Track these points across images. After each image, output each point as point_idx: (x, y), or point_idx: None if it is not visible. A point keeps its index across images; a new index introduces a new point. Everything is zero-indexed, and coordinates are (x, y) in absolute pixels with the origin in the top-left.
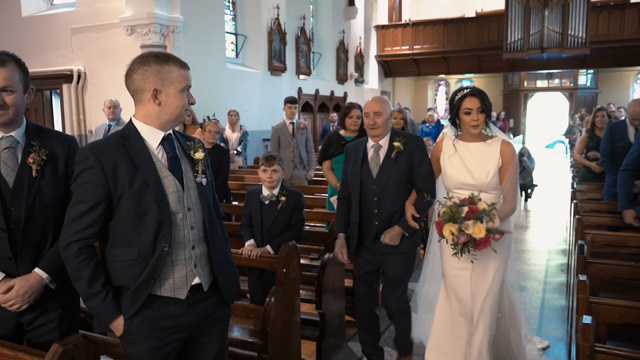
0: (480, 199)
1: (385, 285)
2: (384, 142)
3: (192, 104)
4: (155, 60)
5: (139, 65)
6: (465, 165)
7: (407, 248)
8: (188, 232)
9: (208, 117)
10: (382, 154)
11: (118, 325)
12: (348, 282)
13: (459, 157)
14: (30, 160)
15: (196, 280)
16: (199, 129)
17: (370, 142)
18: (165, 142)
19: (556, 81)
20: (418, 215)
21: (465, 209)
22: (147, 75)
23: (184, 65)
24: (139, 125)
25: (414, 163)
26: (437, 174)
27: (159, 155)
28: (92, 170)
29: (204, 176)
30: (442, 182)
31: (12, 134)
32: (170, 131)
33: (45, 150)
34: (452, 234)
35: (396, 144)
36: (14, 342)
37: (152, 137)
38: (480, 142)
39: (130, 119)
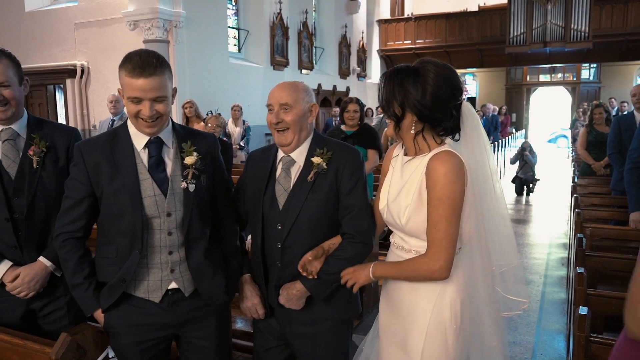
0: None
1: None
2: (299, 155)
3: (144, 115)
4: (121, 61)
5: None
6: (387, 191)
7: (334, 317)
8: (165, 237)
9: (211, 111)
10: (295, 174)
11: (98, 316)
12: None
13: (392, 167)
14: (31, 152)
15: (173, 285)
16: (202, 123)
17: (280, 154)
18: (151, 145)
19: (559, 75)
20: (311, 258)
21: None
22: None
23: (133, 72)
24: (129, 125)
25: (341, 190)
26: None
27: (144, 157)
28: (77, 167)
29: (193, 181)
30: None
31: (12, 126)
32: (161, 134)
33: (46, 142)
34: None
35: (316, 159)
36: (28, 329)
37: (138, 138)
38: (413, 157)
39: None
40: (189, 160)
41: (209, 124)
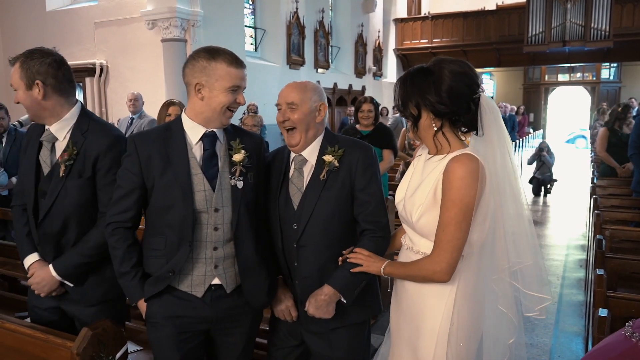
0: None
1: None
2: (310, 154)
3: (240, 104)
4: (205, 56)
5: (190, 58)
6: (406, 187)
7: (350, 319)
8: (211, 232)
9: (248, 110)
10: (308, 173)
11: (141, 305)
12: None
13: (412, 167)
14: (60, 159)
15: (216, 281)
16: None
17: (292, 154)
18: (206, 138)
19: (578, 75)
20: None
21: None
22: (195, 70)
23: (235, 63)
24: (185, 119)
25: (356, 187)
26: None
27: (196, 151)
28: (130, 158)
29: (240, 179)
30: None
31: (49, 127)
32: (215, 129)
33: (76, 149)
34: None
35: (327, 157)
36: (58, 325)
37: (194, 132)
38: (433, 156)
39: (181, 112)
40: (237, 157)
41: (246, 123)
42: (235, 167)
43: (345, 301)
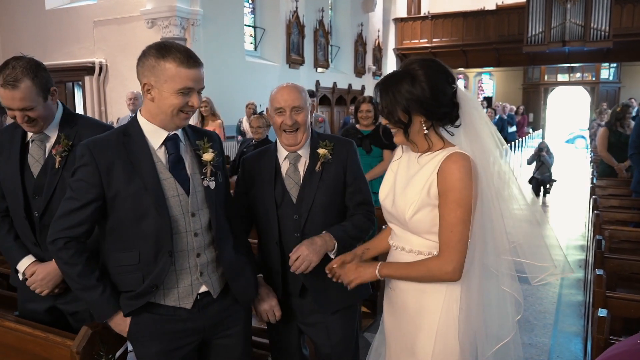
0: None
1: None
2: (304, 150)
3: (193, 107)
4: (154, 54)
5: (141, 56)
6: (394, 183)
7: (342, 303)
8: (192, 239)
9: (247, 108)
10: (303, 167)
11: (119, 321)
12: None
13: (392, 170)
14: (54, 152)
15: (203, 289)
16: (219, 121)
17: (283, 152)
18: (169, 142)
19: (577, 75)
20: (336, 266)
21: None
22: (145, 68)
23: (187, 63)
24: (142, 122)
25: (348, 176)
26: None
27: (161, 155)
28: (86, 168)
29: (212, 179)
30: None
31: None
32: (177, 131)
33: (70, 141)
34: None
35: (321, 150)
36: (55, 324)
37: (155, 136)
38: (423, 153)
39: (136, 114)
40: (207, 157)
41: (252, 125)
42: (205, 167)
43: (333, 256)
